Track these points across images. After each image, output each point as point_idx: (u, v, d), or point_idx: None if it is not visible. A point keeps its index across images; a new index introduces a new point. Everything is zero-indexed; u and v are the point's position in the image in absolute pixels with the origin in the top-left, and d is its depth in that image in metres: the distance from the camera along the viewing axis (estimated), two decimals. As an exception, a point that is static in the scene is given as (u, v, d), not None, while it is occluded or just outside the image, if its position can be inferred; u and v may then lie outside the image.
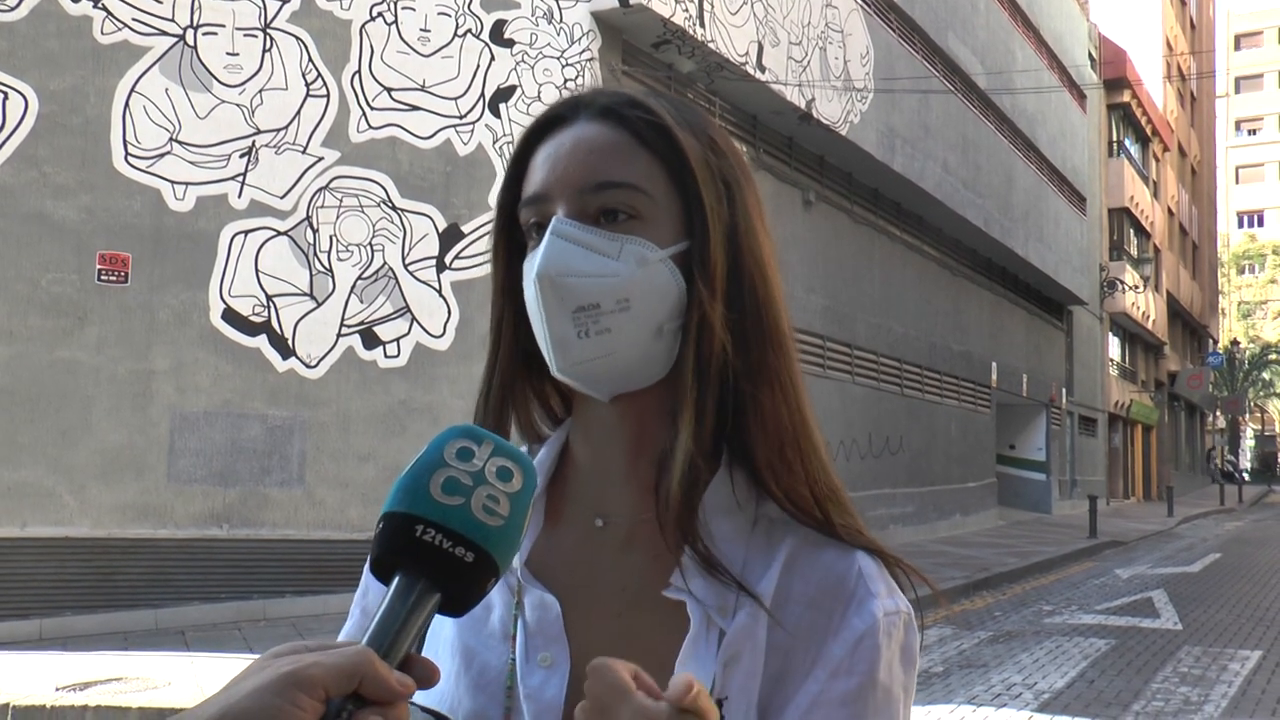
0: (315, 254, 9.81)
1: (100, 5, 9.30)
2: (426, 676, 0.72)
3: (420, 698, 0.89)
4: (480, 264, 10.11)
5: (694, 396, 0.89)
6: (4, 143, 8.99)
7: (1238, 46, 79.29)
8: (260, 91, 9.74)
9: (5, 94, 9.02)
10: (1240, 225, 78.23)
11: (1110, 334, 35.13)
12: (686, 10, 11.67)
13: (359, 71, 10.11)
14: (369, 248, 9.97)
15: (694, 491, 0.88)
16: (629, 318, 0.88)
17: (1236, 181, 78.31)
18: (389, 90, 10.20)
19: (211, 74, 9.61)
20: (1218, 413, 54.99)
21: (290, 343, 9.68)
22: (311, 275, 9.78)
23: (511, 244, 0.96)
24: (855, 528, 0.92)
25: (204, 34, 9.61)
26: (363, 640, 0.70)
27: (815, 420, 0.95)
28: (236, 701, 0.66)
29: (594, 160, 0.90)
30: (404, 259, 10.08)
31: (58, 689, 6.63)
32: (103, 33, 9.33)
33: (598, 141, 0.91)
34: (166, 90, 9.46)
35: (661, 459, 0.90)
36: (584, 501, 0.96)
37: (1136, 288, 34.35)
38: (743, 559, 0.90)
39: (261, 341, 9.61)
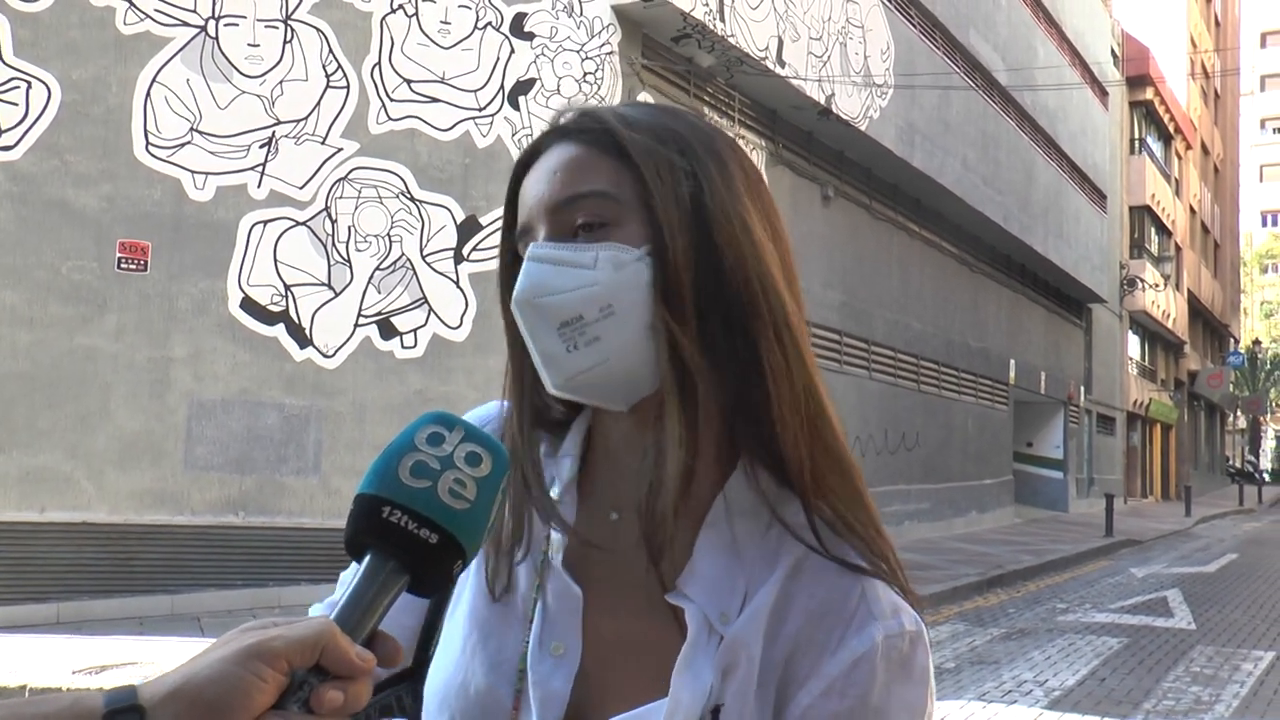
0: (334, 244, 9.87)
1: (123, -5, 9.38)
2: (390, 655, 0.73)
3: (432, 667, 0.92)
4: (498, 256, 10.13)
5: (676, 402, 0.88)
6: (27, 132, 9.08)
7: (1263, 44, 78.54)
8: (280, 82, 9.80)
9: (28, 83, 9.10)
10: (1263, 224, 77.58)
11: (1130, 332, 34.94)
12: (707, 4, 11.66)
13: (379, 63, 10.15)
14: (387, 239, 10.02)
15: (672, 513, 0.87)
16: (615, 322, 0.88)
17: (1260, 180, 77.66)
18: (409, 82, 10.24)
19: (232, 65, 9.67)
20: (1238, 413, 54.69)
21: (308, 332, 9.75)
22: (330, 265, 9.84)
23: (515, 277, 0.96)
24: (871, 538, 0.91)
25: (225, 25, 9.67)
26: (331, 616, 0.71)
27: (834, 412, 0.92)
28: (199, 671, 0.67)
29: (560, 178, 0.91)
30: (422, 250, 10.12)
31: (74, 672, 6.71)
32: (125, 23, 9.40)
33: (562, 160, 0.92)
34: (188, 80, 9.52)
35: (650, 471, 0.89)
36: (603, 493, 0.96)
37: (1157, 286, 34.16)
38: (750, 564, 0.89)
39: (279, 331, 9.67)
